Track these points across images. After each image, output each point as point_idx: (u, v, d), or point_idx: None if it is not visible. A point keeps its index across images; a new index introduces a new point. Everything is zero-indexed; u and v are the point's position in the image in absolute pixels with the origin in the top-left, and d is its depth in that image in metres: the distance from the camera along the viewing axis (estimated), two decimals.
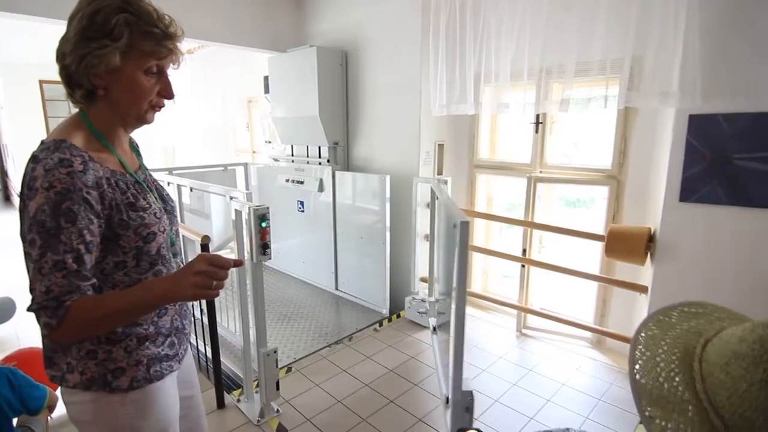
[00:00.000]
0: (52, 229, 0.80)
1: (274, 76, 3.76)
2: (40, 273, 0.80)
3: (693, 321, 0.66)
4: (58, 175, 0.80)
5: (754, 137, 1.86)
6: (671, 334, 0.64)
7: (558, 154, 2.95)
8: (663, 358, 0.60)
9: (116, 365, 0.93)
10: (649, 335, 0.65)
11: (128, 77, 0.89)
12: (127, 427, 0.95)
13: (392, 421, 2.11)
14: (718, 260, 2.02)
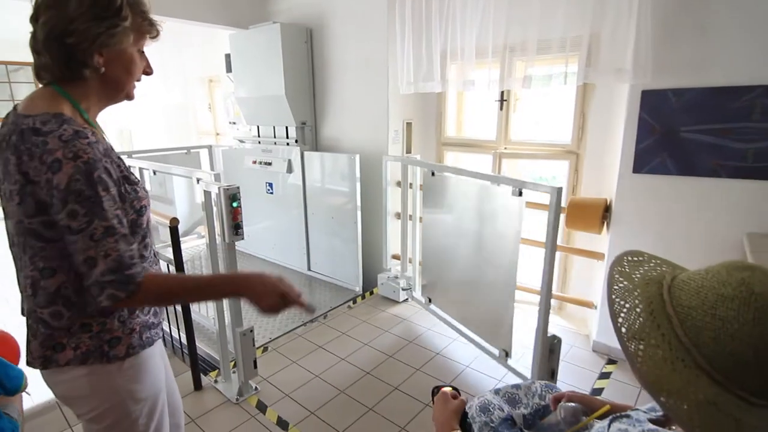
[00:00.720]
0: (93, 197, 0.82)
1: (237, 54, 3.65)
2: (92, 239, 0.82)
3: (640, 268, 0.73)
4: (80, 146, 0.82)
5: (699, 111, 2.00)
6: (636, 281, 0.70)
7: (522, 130, 3.05)
8: (641, 309, 0.65)
9: (112, 335, 0.96)
10: (621, 287, 0.70)
11: (128, 55, 0.94)
12: (125, 392, 0.99)
13: (369, 392, 2.19)
14: (667, 226, 2.18)
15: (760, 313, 0.55)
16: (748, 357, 0.56)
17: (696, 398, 0.58)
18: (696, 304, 0.60)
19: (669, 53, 2.02)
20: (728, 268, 0.61)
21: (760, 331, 0.55)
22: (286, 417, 2.01)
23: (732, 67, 1.90)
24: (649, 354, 0.61)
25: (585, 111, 2.66)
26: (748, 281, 0.58)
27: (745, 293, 0.57)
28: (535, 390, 1.23)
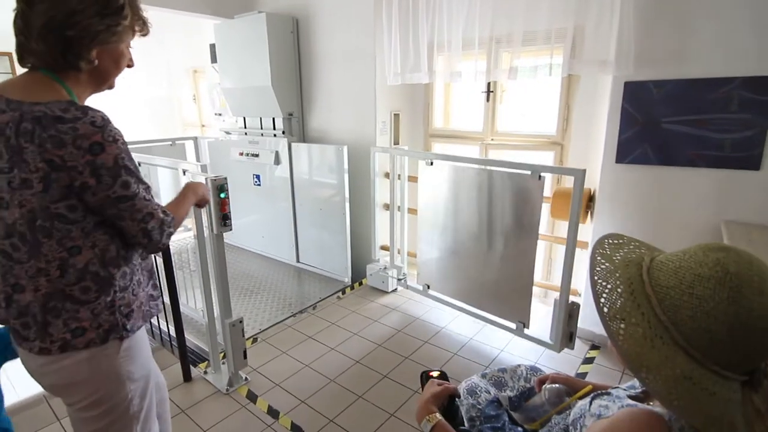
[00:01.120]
0: (134, 169, 0.98)
1: (222, 44, 3.60)
2: (145, 199, 0.99)
3: (620, 251, 0.76)
4: (114, 129, 0.93)
5: (679, 102, 2.05)
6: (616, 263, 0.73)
7: (508, 122, 3.08)
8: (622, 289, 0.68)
9: (129, 309, 1.04)
10: (603, 268, 0.73)
11: (120, 51, 1.00)
12: (124, 372, 1.05)
13: (359, 380, 2.22)
14: (648, 215, 2.24)
15: (734, 291, 0.59)
16: (723, 334, 0.59)
17: (673, 373, 0.61)
18: (674, 284, 0.63)
19: (651, 45, 2.06)
20: (704, 250, 0.65)
21: (735, 309, 0.58)
22: (277, 406, 2.03)
23: (710, 59, 1.95)
24: (630, 332, 0.64)
25: (570, 102, 2.70)
26: (723, 261, 0.61)
27: (720, 273, 0.60)
28: (520, 373, 1.27)
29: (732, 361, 0.61)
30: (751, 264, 0.61)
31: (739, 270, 0.60)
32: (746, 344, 0.59)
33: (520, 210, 2.30)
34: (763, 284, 0.59)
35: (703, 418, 0.59)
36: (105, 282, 0.99)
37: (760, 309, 0.58)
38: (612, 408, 0.76)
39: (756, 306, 0.58)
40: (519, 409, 1.16)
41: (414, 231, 3.16)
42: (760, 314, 0.58)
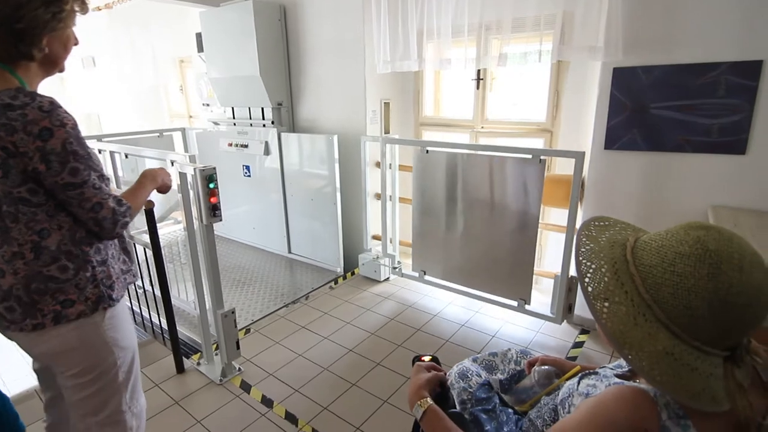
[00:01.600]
0: (85, 156, 0.99)
1: (208, 33, 3.54)
2: (94, 188, 1.00)
3: (606, 233, 0.77)
4: (62, 113, 0.95)
5: (667, 87, 2.06)
6: (602, 245, 0.74)
7: (498, 109, 3.07)
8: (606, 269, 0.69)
9: (111, 280, 1.11)
10: (587, 249, 0.74)
11: (67, 34, 1.03)
12: (111, 340, 1.12)
13: (352, 368, 2.23)
14: (636, 201, 2.26)
15: (713, 268, 0.60)
16: (703, 310, 0.60)
17: (656, 349, 0.62)
18: (656, 263, 0.65)
19: (639, 31, 2.07)
20: (686, 228, 0.66)
21: (714, 285, 0.59)
22: (271, 395, 2.04)
23: (698, 44, 1.96)
24: (614, 311, 0.66)
25: (559, 89, 2.70)
26: (703, 239, 0.63)
27: (700, 250, 0.62)
28: (511, 357, 1.28)
29: (713, 337, 0.62)
30: (731, 241, 0.62)
31: (718, 247, 0.61)
32: (726, 320, 0.60)
33: (522, 192, 2.43)
34: (743, 261, 0.60)
35: (685, 393, 0.60)
36: (80, 259, 1.05)
37: (738, 285, 0.59)
38: (599, 387, 0.77)
39: (735, 282, 0.59)
40: (509, 392, 1.17)
41: (405, 220, 3.17)
42: (738, 290, 0.59)
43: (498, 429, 1.04)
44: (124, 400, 1.18)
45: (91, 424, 1.15)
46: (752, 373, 0.65)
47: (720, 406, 0.61)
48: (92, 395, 1.12)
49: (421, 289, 3.07)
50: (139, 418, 1.24)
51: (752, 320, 0.61)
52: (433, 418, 0.89)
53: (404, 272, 3.13)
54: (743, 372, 0.63)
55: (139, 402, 1.25)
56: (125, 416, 1.19)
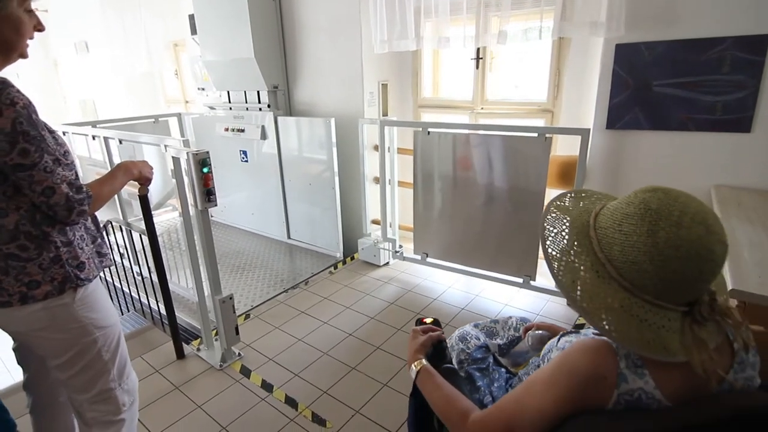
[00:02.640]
0: (38, 137, 0.95)
1: (201, 15, 3.45)
2: (45, 172, 0.96)
3: (581, 203, 0.83)
4: (13, 92, 0.92)
5: (671, 64, 2.00)
6: (570, 212, 0.80)
7: (498, 90, 3.01)
8: (567, 233, 0.77)
9: (78, 261, 1.10)
10: (553, 216, 0.81)
11: (15, 18, 0.98)
12: (85, 319, 1.12)
13: (352, 353, 2.23)
14: (638, 180, 2.23)
15: (653, 225, 0.65)
16: (646, 264, 0.65)
17: (610, 304, 0.68)
18: (609, 224, 0.71)
19: (642, 5, 2.00)
20: (637, 192, 0.71)
21: (653, 240, 0.64)
22: (271, 380, 2.04)
23: (702, 18, 1.90)
24: (569, 268, 0.73)
25: (560, 68, 2.64)
26: (647, 200, 0.68)
27: (642, 210, 0.67)
28: (511, 324, 1.35)
29: (660, 290, 0.67)
30: (675, 200, 0.67)
31: (659, 206, 0.66)
32: (668, 273, 0.65)
33: (527, 170, 2.44)
34: (682, 217, 0.64)
35: (634, 342, 0.66)
36: (41, 240, 1.04)
37: (675, 239, 0.63)
38: (574, 342, 0.82)
39: (672, 236, 0.64)
40: (507, 355, 1.29)
41: (405, 204, 3.14)
42: (675, 244, 0.63)
43: (489, 385, 1.12)
44: (113, 378, 1.20)
45: (82, 401, 1.18)
46: (722, 333, 0.69)
47: (672, 356, 0.66)
48: (77, 374, 1.14)
49: (421, 273, 3.05)
50: (131, 394, 1.27)
51: (696, 274, 0.65)
52: (425, 377, 0.96)
53: (405, 255, 3.12)
54: (708, 330, 0.67)
55: (130, 378, 1.27)
56: (116, 392, 1.21)
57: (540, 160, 2.36)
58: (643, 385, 0.67)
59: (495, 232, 2.64)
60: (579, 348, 0.72)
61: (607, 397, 0.68)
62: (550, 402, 0.71)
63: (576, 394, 0.69)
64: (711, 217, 0.67)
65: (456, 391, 0.90)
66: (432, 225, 2.89)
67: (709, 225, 0.65)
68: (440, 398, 0.90)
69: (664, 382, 0.67)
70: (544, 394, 0.72)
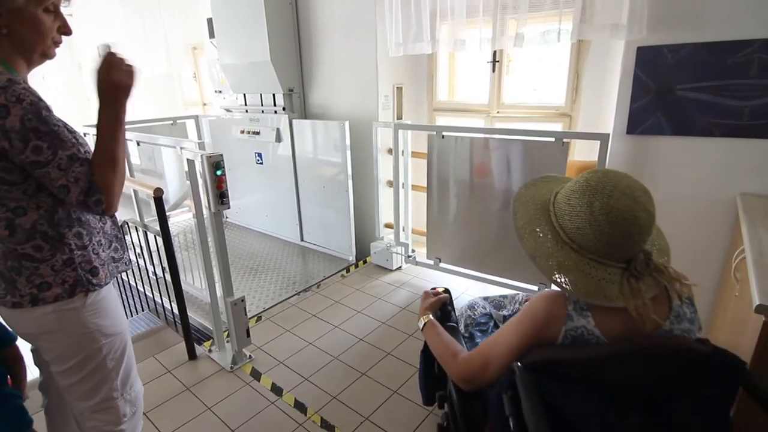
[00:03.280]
0: (50, 132, 0.92)
1: (219, 18, 3.50)
2: (60, 169, 0.93)
3: (548, 184, 1.02)
4: (19, 90, 0.89)
5: (695, 67, 1.94)
6: (535, 194, 0.99)
7: (515, 94, 2.97)
8: (532, 209, 0.96)
9: (92, 265, 1.08)
10: (521, 193, 1.01)
11: (31, 16, 0.96)
12: (93, 325, 1.10)
13: (362, 358, 2.21)
14: (660, 187, 2.13)
15: (590, 198, 0.83)
16: (587, 229, 0.84)
17: (562, 262, 0.87)
18: (562, 200, 0.90)
19: (666, 7, 1.94)
20: (587, 172, 0.88)
21: (590, 209, 0.83)
22: (280, 383, 2.04)
23: (729, 20, 1.83)
24: (532, 236, 0.93)
25: (579, 71, 2.58)
26: (588, 178, 0.86)
27: (584, 186, 0.85)
28: (518, 299, 1.49)
29: (600, 249, 0.84)
30: (610, 178, 0.84)
31: (597, 183, 0.84)
32: (601, 235, 0.82)
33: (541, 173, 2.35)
34: (614, 191, 0.82)
35: (580, 291, 0.84)
36: (56, 241, 1.03)
37: (606, 207, 0.81)
38: None
39: (604, 205, 0.81)
40: None
41: (418, 208, 3.12)
42: (606, 211, 0.81)
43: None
44: (116, 387, 1.17)
45: (83, 409, 1.15)
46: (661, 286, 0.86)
47: (611, 302, 0.83)
48: (80, 381, 1.11)
49: (433, 278, 3.02)
50: (133, 405, 1.23)
51: (625, 235, 0.82)
52: (430, 328, 1.18)
53: (418, 260, 3.09)
54: (645, 282, 0.84)
55: (133, 388, 1.23)
56: (117, 403, 1.18)
57: (557, 165, 2.30)
58: (585, 323, 0.85)
59: (510, 239, 2.58)
60: (538, 297, 0.93)
61: (557, 332, 0.87)
62: (515, 339, 0.91)
63: (535, 330, 0.89)
64: (639, 191, 0.83)
65: (452, 339, 1.11)
66: (446, 230, 2.85)
67: (635, 197, 0.82)
68: (439, 344, 1.11)
69: (603, 323, 0.85)
70: (511, 333, 0.93)
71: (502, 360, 0.92)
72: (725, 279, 1.91)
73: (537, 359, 0.86)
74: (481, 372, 0.95)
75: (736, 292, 1.54)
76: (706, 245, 2.09)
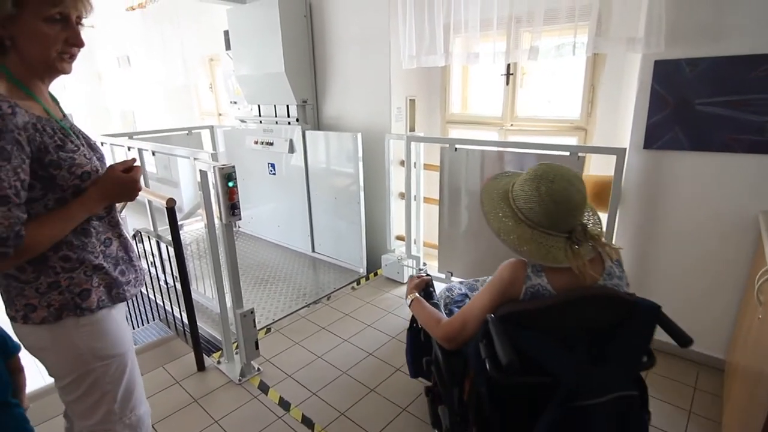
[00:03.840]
0: None
1: (235, 31, 3.55)
2: None
3: (507, 178, 1.28)
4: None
5: (715, 82, 1.89)
6: (497, 186, 1.26)
7: (529, 107, 2.94)
8: (495, 197, 1.22)
9: (81, 288, 1.04)
10: (486, 185, 1.28)
11: (29, 26, 0.91)
12: (85, 349, 1.06)
13: (371, 373, 2.18)
14: (678, 204, 2.10)
15: (538, 184, 1.11)
16: (536, 208, 1.11)
17: (521, 235, 1.13)
18: (518, 188, 1.17)
19: (684, 20, 1.91)
20: (535, 165, 1.16)
21: (538, 193, 1.10)
22: (288, 398, 2.01)
23: (751, 33, 1.79)
24: (496, 217, 1.19)
25: (594, 84, 2.55)
26: (536, 169, 1.14)
27: (533, 175, 1.13)
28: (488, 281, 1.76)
29: (547, 224, 1.11)
30: (552, 169, 1.12)
31: (542, 172, 1.12)
32: (547, 212, 1.10)
33: None
34: (555, 177, 1.10)
35: (535, 256, 1.10)
36: (39, 263, 1.00)
37: (549, 191, 1.09)
38: None
39: (547, 189, 1.09)
40: None
41: (430, 221, 3.09)
42: (548, 193, 1.09)
43: None
44: (113, 411, 1.13)
45: (82, 428, 1.13)
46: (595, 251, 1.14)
47: (559, 263, 1.08)
48: (77, 400, 1.09)
49: None
50: (134, 429, 1.18)
51: (565, 211, 1.09)
52: (417, 303, 1.46)
53: (429, 273, 3.05)
54: (583, 248, 1.10)
55: (135, 412, 1.18)
56: (115, 426, 1.14)
57: None
58: (540, 281, 1.10)
59: None
60: (504, 265, 1.17)
61: (519, 290, 1.11)
62: (487, 299, 1.15)
63: (502, 290, 1.13)
64: (574, 178, 1.11)
65: (435, 310, 1.38)
66: (458, 243, 2.82)
67: (571, 182, 1.09)
68: (425, 315, 1.37)
69: (554, 280, 1.10)
70: (484, 296, 1.17)
71: (477, 318, 1.15)
72: (747, 300, 1.84)
73: (505, 312, 1.09)
74: (461, 329, 1.19)
75: (760, 314, 1.48)
76: (727, 264, 2.03)
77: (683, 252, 2.14)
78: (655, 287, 2.22)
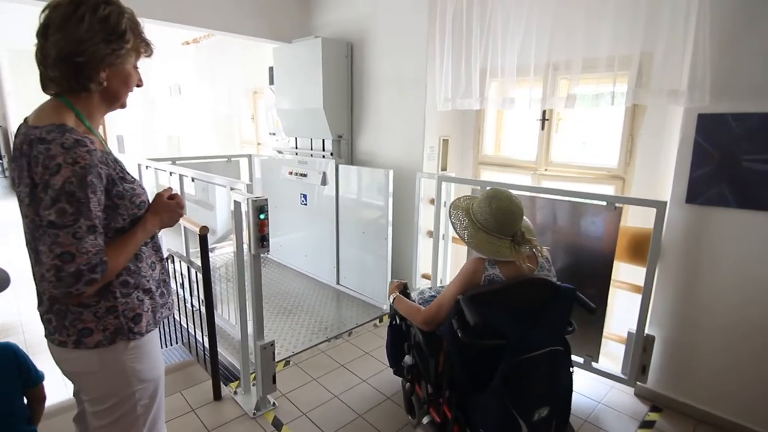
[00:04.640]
0: (82, 198, 0.92)
1: (279, 67, 3.73)
2: (75, 237, 0.91)
3: (468, 200, 1.72)
4: (80, 152, 0.92)
5: (764, 138, 1.81)
6: (461, 204, 1.70)
7: (564, 152, 2.90)
8: (461, 216, 1.65)
9: (135, 312, 1.09)
10: (453, 204, 1.73)
11: (127, 72, 1.07)
12: (130, 371, 1.10)
13: (387, 418, 2.10)
14: (722, 264, 1.98)
15: (490, 201, 1.57)
16: (490, 219, 1.56)
17: (480, 239, 1.56)
18: (477, 205, 1.63)
19: (730, 75, 1.85)
20: (488, 189, 1.67)
21: (490, 208, 1.56)
22: None
23: None
24: (462, 227, 1.62)
25: (634, 134, 2.49)
26: (489, 192, 1.62)
27: (487, 197, 1.60)
28: None
29: (498, 230, 1.54)
30: (500, 191, 1.60)
31: (493, 194, 1.59)
32: (497, 221, 1.54)
33: (593, 240, 2.27)
34: (501, 197, 1.57)
35: (490, 253, 1.53)
36: (102, 288, 1.03)
37: (498, 206, 1.55)
38: None
39: (497, 205, 1.55)
40: None
41: (457, 260, 3.04)
42: (498, 208, 1.55)
43: None
44: None
45: None
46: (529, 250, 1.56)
47: (506, 258, 1.51)
48: (109, 425, 1.11)
49: None
50: None
51: (510, 221, 1.54)
52: (399, 299, 1.87)
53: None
54: (523, 248, 1.53)
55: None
56: None
57: (609, 230, 2.19)
58: (494, 272, 1.52)
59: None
60: (469, 261, 1.57)
61: (479, 278, 1.52)
62: (457, 288, 1.54)
63: (468, 279, 1.54)
64: (515, 198, 1.58)
65: (414, 303, 1.80)
66: None
67: (512, 201, 1.56)
68: (407, 307, 1.78)
69: (505, 270, 1.52)
70: (454, 285, 1.56)
71: (449, 302, 1.53)
72: None
73: (471, 294, 1.47)
74: (437, 312, 1.58)
75: None
76: None
77: (723, 315, 1.99)
78: (695, 346, 2.07)
